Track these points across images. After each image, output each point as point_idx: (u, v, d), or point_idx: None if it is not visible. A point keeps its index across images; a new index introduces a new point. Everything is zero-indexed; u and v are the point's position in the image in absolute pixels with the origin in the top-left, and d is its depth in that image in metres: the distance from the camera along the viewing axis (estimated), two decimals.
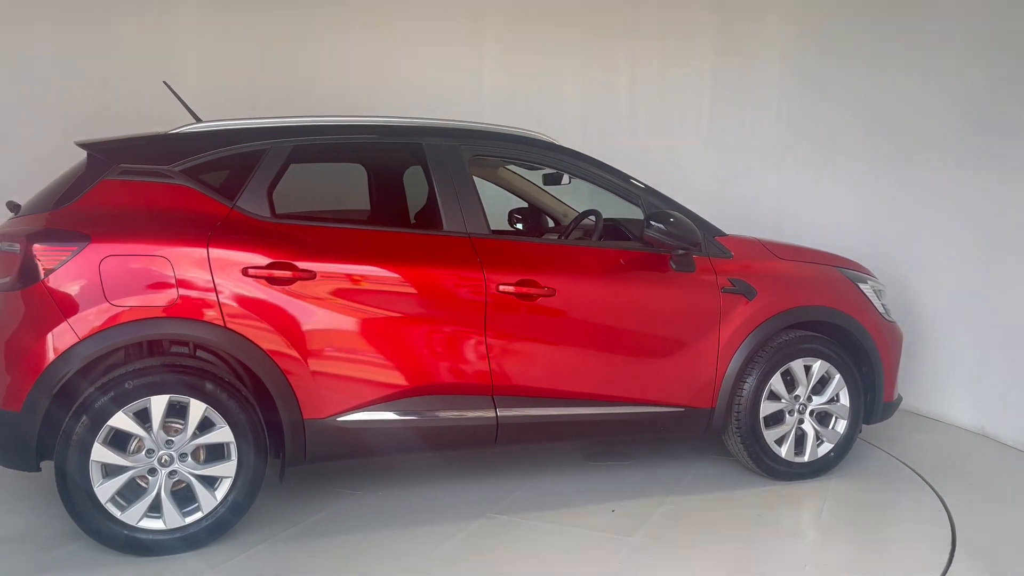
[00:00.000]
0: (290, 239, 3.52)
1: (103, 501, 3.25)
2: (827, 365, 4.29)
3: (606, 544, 3.53)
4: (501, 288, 3.72)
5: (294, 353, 3.46)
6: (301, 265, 3.48)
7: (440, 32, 6.14)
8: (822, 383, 4.33)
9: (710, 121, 6.51)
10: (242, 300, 3.39)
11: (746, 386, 4.16)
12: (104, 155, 3.49)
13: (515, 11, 6.29)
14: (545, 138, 4.16)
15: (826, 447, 4.36)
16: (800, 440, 4.32)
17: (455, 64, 6.15)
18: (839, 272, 4.45)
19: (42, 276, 3.23)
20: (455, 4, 6.20)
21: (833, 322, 4.33)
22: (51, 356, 3.20)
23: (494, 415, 3.75)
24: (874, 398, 4.46)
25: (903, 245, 5.65)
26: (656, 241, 3.97)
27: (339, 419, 3.55)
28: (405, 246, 3.71)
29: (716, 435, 4.27)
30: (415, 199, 4.11)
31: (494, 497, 4.00)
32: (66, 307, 3.23)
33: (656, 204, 4.12)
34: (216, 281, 3.37)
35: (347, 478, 4.21)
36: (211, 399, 3.35)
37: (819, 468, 4.35)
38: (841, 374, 4.32)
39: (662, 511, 3.88)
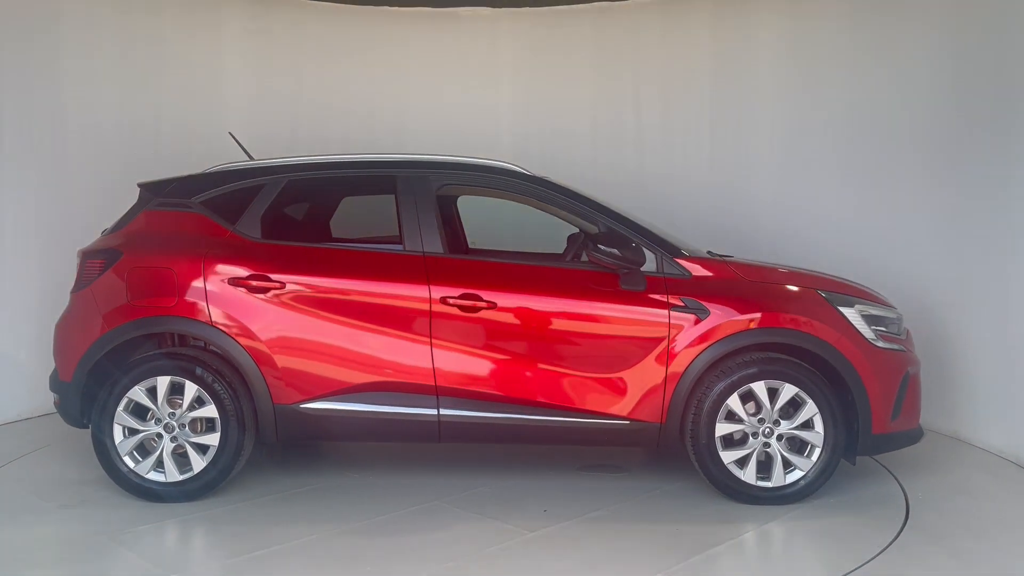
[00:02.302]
0: (270, 256, 4.32)
1: (122, 455, 4.25)
2: (795, 389, 4.20)
3: (504, 534, 3.86)
4: (445, 300, 4.21)
5: (265, 348, 4.23)
6: (274, 277, 4.26)
7: (460, 72, 6.80)
8: (795, 408, 4.24)
9: (711, 146, 6.72)
10: (226, 304, 4.25)
11: (700, 405, 4.21)
12: (149, 191, 4.55)
13: (527, 52, 6.84)
14: (513, 167, 4.56)
15: (796, 474, 4.24)
16: (767, 464, 4.25)
17: (474, 100, 6.77)
18: (817, 294, 4.32)
19: (90, 281, 4.34)
20: (473, 47, 6.80)
21: (800, 345, 4.23)
22: (89, 342, 4.28)
23: (437, 413, 4.24)
24: (859, 429, 4.25)
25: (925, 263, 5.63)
26: (598, 260, 4.21)
27: (302, 406, 4.27)
28: (366, 263, 4.34)
29: (673, 451, 4.34)
30: (390, 223, 4.71)
31: (455, 489, 4.45)
32: (102, 306, 4.31)
33: (614, 226, 4.36)
34: (207, 288, 4.26)
35: (345, 462, 4.92)
36: (201, 382, 4.23)
37: (788, 495, 4.24)
38: (814, 400, 4.20)
39: (587, 517, 4.09)
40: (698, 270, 4.33)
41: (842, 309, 4.29)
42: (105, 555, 3.67)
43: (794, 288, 4.37)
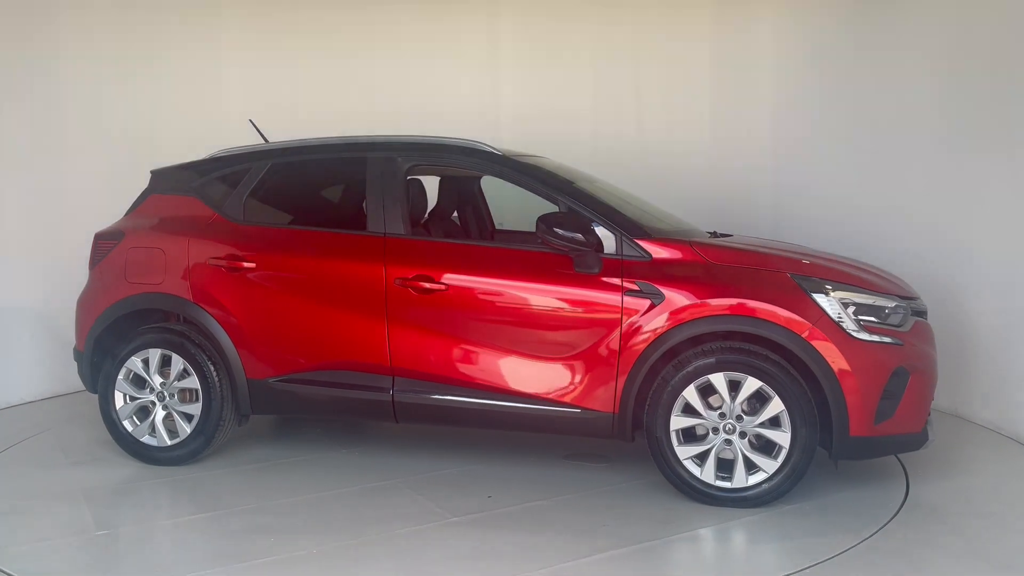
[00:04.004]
0: (247, 237, 4.52)
1: (122, 419, 4.63)
2: (759, 383, 3.83)
3: (428, 517, 3.85)
4: (397, 282, 4.22)
5: (239, 325, 4.45)
6: (247, 257, 4.46)
7: (460, 54, 6.69)
8: (762, 403, 3.87)
9: (711, 124, 6.67)
10: (205, 282, 4.51)
11: (656, 396, 3.95)
12: (157, 176, 4.90)
13: (527, 33, 6.75)
14: (478, 145, 4.46)
15: (760, 476, 3.88)
16: (731, 463, 3.92)
17: (474, 82, 6.66)
18: (790, 279, 3.89)
19: (99, 260, 4.76)
20: (474, 30, 6.68)
21: (765, 335, 3.84)
22: (95, 315, 4.70)
23: (391, 394, 4.27)
24: (834, 430, 3.81)
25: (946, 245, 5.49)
26: (547, 242, 4.04)
27: (272, 381, 4.45)
28: (330, 244, 4.43)
29: (630, 442, 4.10)
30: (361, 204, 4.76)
31: (422, 469, 4.48)
32: (106, 283, 4.71)
33: (573, 205, 4.17)
34: (191, 268, 4.53)
35: (342, 437, 5.05)
36: (187, 355, 4.52)
37: (751, 498, 3.89)
38: (780, 396, 3.81)
39: (525, 506, 3.98)
40: (660, 252, 4.04)
41: (816, 296, 3.84)
42: (61, 507, 4.04)
43: (765, 272, 3.96)
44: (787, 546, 3.56)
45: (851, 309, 3.87)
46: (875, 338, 3.84)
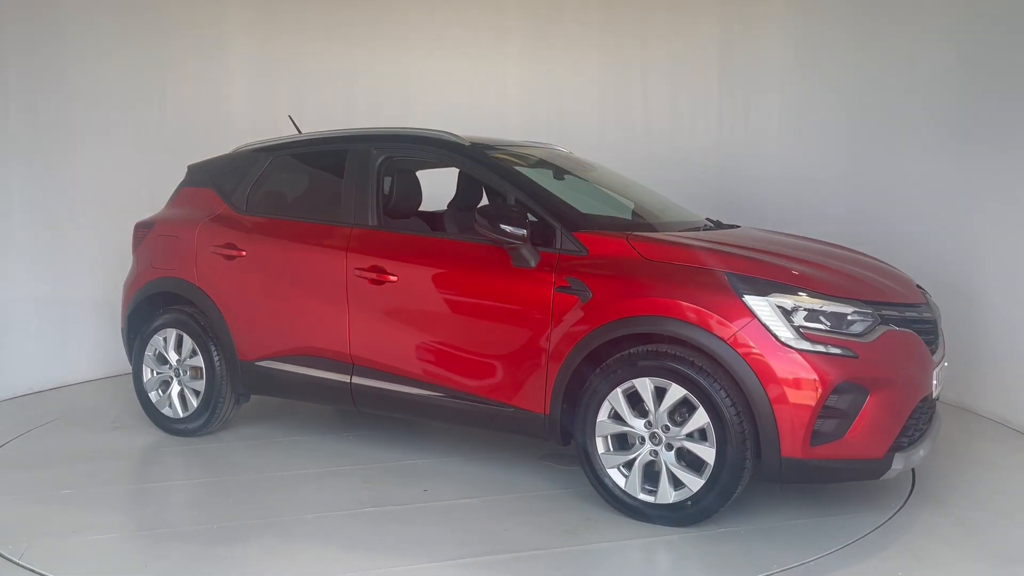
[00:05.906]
0: (244, 227, 4.80)
1: (148, 392, 5.11)
2: (683, 391, 3.50)
3: (349, 504, 3.91)
4: (355, 272, 4.31)
5: (232, 309, 4.75)
6: (240, 246, 4.74)
7: (468, 50, 6.51)
8: (692, 413, 3.53)
9: (719, 114, 6.62)
10: (208, 268, 4.84)
11: (581, 399, 3.73)
12: (190, 170, 5.32)
13: (534, 26, 6.61)
14: (444, 135, 4.40)
15: (685, 493, 3.54)
16: (655, 475, 3.62)
17: (481, 75, 6.48)
18: (723, 277, 3.50)
19: (137, 246, 5.26)
20: (480, 26, 6.51)
21: (689, 339, 3.48)
22: (130, 297, 5.20)
23: (349, 380, 4.37)
24: (763, 448, 3.40)
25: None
26: (484, 234, 3.93)
27: (258, 363, 4.70)
28: (306, 234, 4.58)
29: (564, 445, 3.90)
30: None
31: (382, 460, 4.52)
32: (140, 267, 5.20)
33: (520, 197, 4.04)
34: (197, 254, 4.89)
35: (342, 423, 5.22)
36: (195, 336, 4.89)
37: (675, 516, 3.57)
38: (704, 406, 3.46)
39: (453, 503, 3.92)
40: (596, 246, 3.80)
41: (748, 298, 3.43)
42: (62, 465, 4.52)
43: (697, 270, 3.58)
44: (681, 568, 3.25)
45: (800, 314, 3.41)
46: (819, 348, 3.36)
